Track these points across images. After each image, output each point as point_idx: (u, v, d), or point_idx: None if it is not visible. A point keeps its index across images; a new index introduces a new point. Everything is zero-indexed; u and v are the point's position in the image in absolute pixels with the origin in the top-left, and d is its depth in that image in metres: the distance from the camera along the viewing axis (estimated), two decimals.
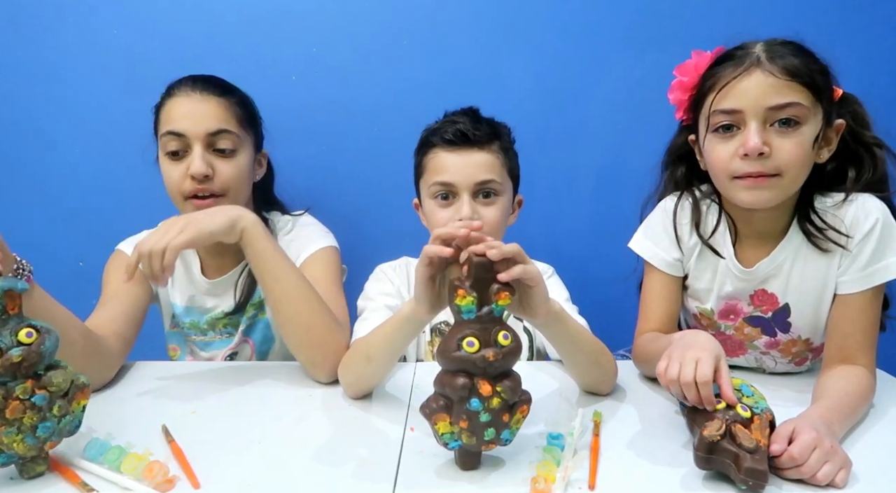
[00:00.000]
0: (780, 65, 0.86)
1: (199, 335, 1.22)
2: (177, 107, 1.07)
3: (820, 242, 0.95)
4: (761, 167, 0.87)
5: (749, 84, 0.86)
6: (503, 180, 1.08)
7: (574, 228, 1.53)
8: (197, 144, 1.05)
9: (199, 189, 1.06)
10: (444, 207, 1.07)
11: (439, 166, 1.07)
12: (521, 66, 1.45)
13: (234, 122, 1.09)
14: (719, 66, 0.91)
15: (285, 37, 1.42)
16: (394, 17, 1.43)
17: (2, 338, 0.66)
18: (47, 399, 0.69)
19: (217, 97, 1.08)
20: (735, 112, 0.88)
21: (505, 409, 0.71)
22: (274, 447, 0.81)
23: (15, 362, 0.66)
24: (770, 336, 1.03)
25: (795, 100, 0.85)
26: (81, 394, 0.74)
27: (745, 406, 0.76)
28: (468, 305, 0.71)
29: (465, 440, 0.72)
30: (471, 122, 1.07)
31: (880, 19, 1.41)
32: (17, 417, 0.67)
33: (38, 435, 0.69)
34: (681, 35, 1.42)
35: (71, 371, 0.72)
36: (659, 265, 1.06)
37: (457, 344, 0.70)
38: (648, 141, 1.44)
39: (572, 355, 0.93)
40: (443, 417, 0.72)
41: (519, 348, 0.72)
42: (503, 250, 0.73)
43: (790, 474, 0.72)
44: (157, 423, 0.85)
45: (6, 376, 0.67)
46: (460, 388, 0.70)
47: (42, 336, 0.69)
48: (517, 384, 0.73)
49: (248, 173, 1.12)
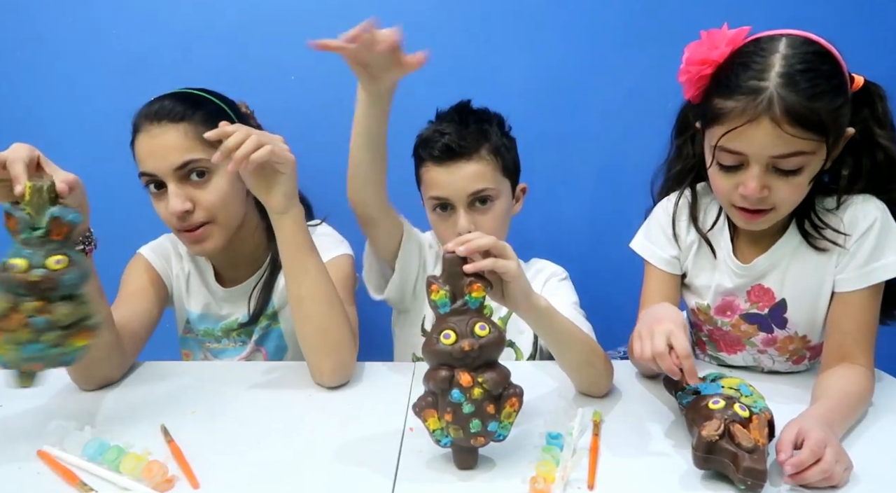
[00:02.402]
0: (789, 113, 0.81)
1: (214, 342, 1.22)
2: (141, 145, 1.03)
3: (817, 243, 0.95)
4: (758, 204, 0.89)
5: (756, 133, 0.83)
6: (497, 184, 1.08)
7: (574, 227, 1.52)
8: (170, 181, 1.01)
9: (183, 226, 1.03)
10: (444, 219, 1.10)
11: (431, 181, 1.09)
12: (520, 65, 1.44)
13: (200, 146, 1.01)
14: (730, 99, 0.85)
15: (285, 37, 1.42)
16: (393, 16, 1.42)
17: (34, 256, 0.71)
18: (46, 324, 0.72)
19: (174, 124, 1.01)
20: (740, 154, 0.87)
21: (489, 400, 0.72)
22: (273, 448, 0.81)
23: (32, 281, 0.71)
24: (767, 333, 1.03)
25: (799, 149, 0.83)
26: (85, 334, 0.76)
27: (744, 406, 0.76)
28: (442, 298, 0.73)
29: (453, 434, 0.72)
30: (456, 131, 1.07)
31: (881, 14, 1.41)
32: (12, 328, 0.71)
33: (25, 352, 0.72)
34: (681, 35, 1.41)
35: (85, 310, 0.75)
36: (656, 263, 1.06)
37: (435, 338, 0.72)
38: (648, 140, 1.44)
39: (560, 352, 0.92)
40: (431, 413, 0.73)
41: (499, 339, 0.72)
42: (473, 245, 0.74)
43: (810, 474, 0.69)
44: (157, 423, 0.85)
45: (21, 290, 0.71)
46: (441, 380, 0.71)
47: (70, 267, 0.73)
48: (502, 377, 0.72)
49: (232, 191, 1.06)
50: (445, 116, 1.13)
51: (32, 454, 0.78)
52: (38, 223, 0.73)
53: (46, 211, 0.73)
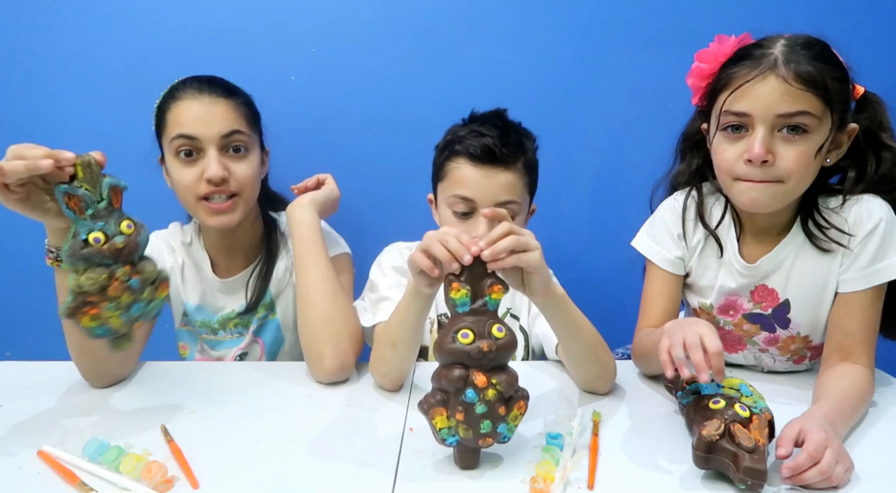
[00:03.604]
0: (794, 71, 0.84)
1: (210, 334, 1.23)
2: (186, 110, 1.06)
3: (821, 243, 0.95)
4: (763, 175, 0.88)
5: (762, 89, 0.85)
6: (522, 200, 1.07)
7: (573, 227, 1.52)
8: (211, 148, 1.06)
9: (215, 191, 1.06)
10: (461, 221, 1.06)
11: (461, 179, 1.05)
12: (519, 66, 1.44)
13: (244, 122, 1.10)
14: (737, 65, 0.89)
15: (284, 37, 1.42)
16: (393, 17, 1.43)
17: (108, 226, 0.77)
18: (140, 284, 0.79)
19: (225, 99, 1.08)
20: (745, 115, 0.88)
21: (501, 401, 0.72)
22: (273, 447, 0.81)
23: (119, 248, 0.76)
24: (769, 332, 1.03)
25: (805, 109, 0.84)
26: (164, 285, 0.83)
27: (744, 406, 0.76)
28: (462, 298, 0.72)
29: (462, 433, 0.72)
30: (499, 136, 1.04)
31: (885, 15, 1.41)
32: (116, 295, 0.77)
33: (131, 314, 0.79)
34: (681, 35, 1.42)
35: (155, 262, 0.82)
36: (660, 263, 1.06)
37: (452, 337, 0.71)
38: (648, 141, 1.44)
39: (570, 343, 0.92)
40: (440, 411, 0.73)
41: (514, 342, 0.73)
42: (496, 249, 0.74)
43: (808, 476, 0.70)
44: (157, 423, 0.85)
45: (109, 260, 0.77)
46: (456, 379, 0.71)
47: (138, 229, 0.79)
48: (513, 379, 0.73)
49: (259, 171, 1.14)
50: (486, 118, 1.10)
51: (32, 454, 0.77)
52: (99, 195, 0.77)
53: (102, 182, 0.78)
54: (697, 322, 0.81)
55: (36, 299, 1.50)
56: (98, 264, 0.76)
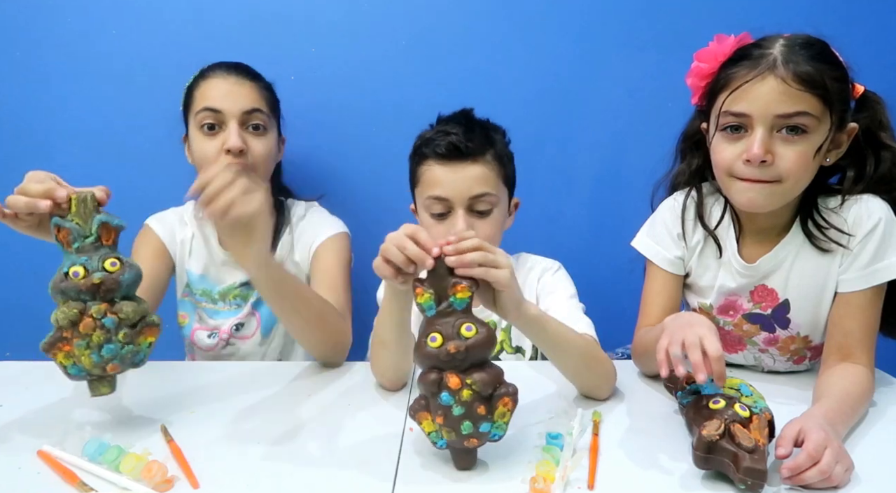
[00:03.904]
0: (793, 71, 0.84)
1: (210, 303, 1.27)
2: (213, 87, 1.16)
3: (821, 243, 0.95)
4: (761, 174, 0.88)
5: (761, 90, 0.85)
6: (498, 191, 1.07)
7: (573, 227, 1.52)
8: (233, 121, 1.13)
9: (233, 163, 1.11)
10: (439, 223, 1.06)
11: (433, 180, 1.06)
12: (519, 66, 1.44)
13: (265, 103, 1.19)
14: (736, 65, 0.89)
15: (284, 37, 1.42)
16: (392, 17, 1.43)
17: (90, 261, 0.77)
18: (115, 324, 0.77)
19: (250, 81, 1.18)
20: (744, 116, 0.88)
21: (479, 401, 0.71)
22: (273, 448, 0.81)
23: (95, 284, 0.76)
24: (769, 332, 1.03)
25: (804, 109, 0.84)
26: (149, 331, 0.81)
27: (744, 406, 0.76)
28: (427, 301, 0.72)
29: (446, 435, 0.72)
30: (464, 132, 1.05)
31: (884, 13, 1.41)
32: (87, 332, 0.76)
33: (102, 354, 0.77)
34: (681, 35, 1.42)
35: (144, 308, 0.80)
36: (660, 263, 1.06)
37: (423, 341, 0.71)
38: (648, 141, 1.44)
39: (556, 358, 0.92)
40: (425, 415, 0.73)
41: (487, 338, 0.71)
42: (462, 246, 0.73)
43: (808, 476, 0.70)
44: (157, 423, 0.85)
45: (86, 295, 0.76)
46: (430, 383, 0.71)
47: (124, 268, 0.78)
48: (493, 377, 0.72)
49: (274, 152, 1.21)
50: (450, 118, 1.11)
51: (32, 454, 0.77)
52: (87, 231, 0.78)
53: (94, 218, 0.78)
54: (698, 322, 0.81)
55: (36, 299, 1.49)
56: (74, 299, 0.76)
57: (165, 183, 1.44)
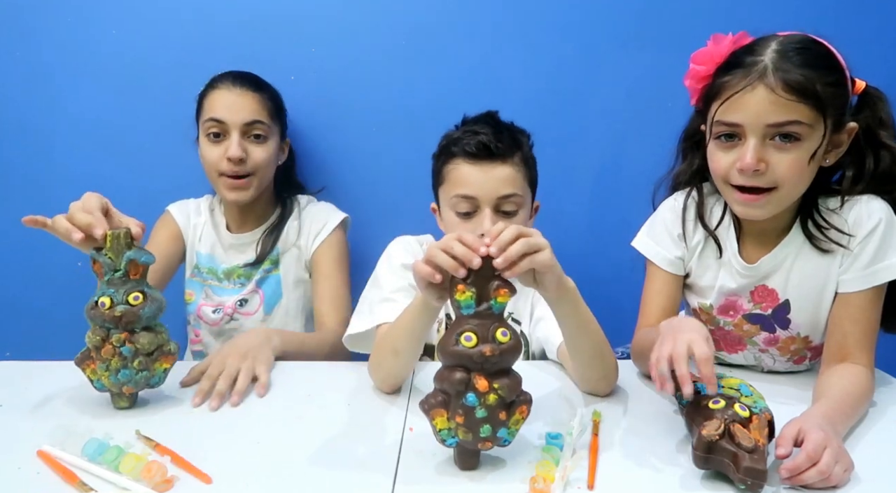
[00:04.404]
0: (783, 80, 0.83)
1: (215, 281, 1.36)
2: (219, 98, 1.25)
3: (821, 244, 0.95)
4: (756, 182, 0.88)
5: (752, 100, 0.85)
6: (524, 193, 1.08)
7: (573, 227, 1.52)
8: (234, 132, 1.24)
9: (234, 170, 1.24)
10: (465, 223, 1.06)
11: (461, 179, 1.06)
12: (519, 65, 1.44)
13: (266, 113, 1.27)
14: (728, 73, 0.89)
15: (284, 37, 1.42)
16: (392, 17, 1.43)
17: (116, 294, 0.85)
18: (132, 352, 0.85)
19: (253, 92, 1.26)
20: (736, 125, 0.88)
21: (502, 407, 0.71)
22: (273, 448, 0.81)
23: (116, 316, 0.84)
24: (769, 333, 1.03)
25: (795, 118, 0.84)
26: (165, 359, 0.89)
27: (744, 406, 0.76)
28: (467, 300, 0.72)
29: (462, 436, 0.72)
30: (493, 133, 1.06)
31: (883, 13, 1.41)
32: (107, 357, 0.85)
33: (119, 378, 0.86)
34: (680, 35, 1.41)
35: (162, 338, 0.88)
36: (660, 263, 1.06)
37: (455, 339, 0.71)
38: (647, 141, 1.44)
39: (578, 340, 0.92)
40: (441, 412, 0.72)
41: (518, 346, 0.72)
42: (509, 254, 0.72)
43: (807, 476, 0.70)
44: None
45: (110, 324, 0.84)
46: (457, 382, 0.70)
47: (146, 302, 0.86)
48: (516, 384, 0.72)
49: (274, 158, 1.31)
50: (478, 119, 1.11)
51: (32, 454, 0.77)
52: (117, 266, 0.85)
53: (124, 255, 0.85)
54: (688, 328, 0.81)
55: (36, 299, 1.50)
56: (100, 326, 0.85)
57: (167, 179, 1.45)
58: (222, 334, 1.36)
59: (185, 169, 1.39)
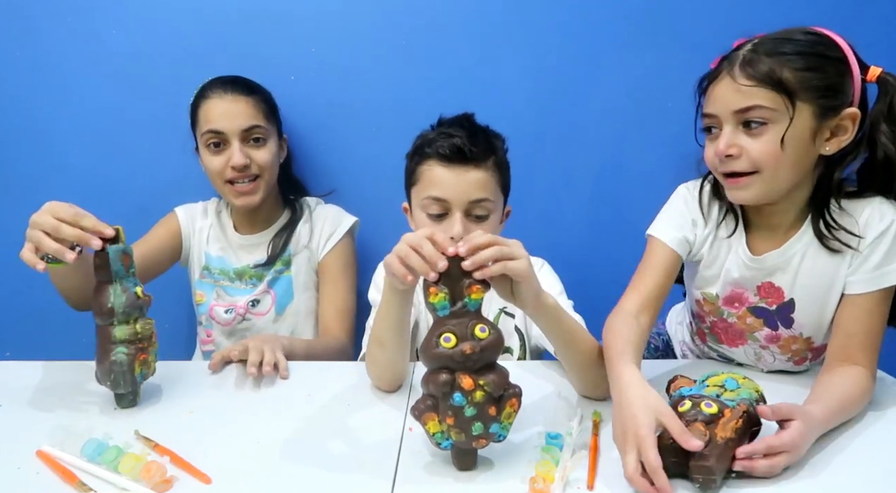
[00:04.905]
0: (743, 70, 0.88)
1: (227, 281, 1.37)
2: (213, 107, 1.24)
3: (831, 244, 0.94)
4: (734, 167, 0.91)
5: (719, 91, 0.91)
6: (496, 198, 1.08)
7: (572, 227, 1.52)
8: (234, 139, 1.24)
9: (239, 176, 1.25)
10: (436, 223, 1.06)
11: (433, 180, 1.06)
12: (518, 65, 1.44)
13: (262, 116, 1.27)
14: (715, 69, 0.93)
15: (284, 37, 1.42)
16: (392, 17, 1.43)
17: (127, 282, 0.89)
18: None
19: (246, 97, 1.26)
20: (711, 116, 0.93)
21: (490, 402, 0.71)
22: (273, 448, 0.81)
23: (147, 301, 0.91)
24: (771, 329, 1.03)
25: (756, 103, 0.87)
26: (147, 350, 0.92)
27: (711, 402, 0.75)
28: (441, 301, 0.72)
29: (455, 436, 0.72)
30: (467, 136, 1.05)
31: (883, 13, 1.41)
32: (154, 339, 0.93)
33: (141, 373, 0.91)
34: (680, 35, 1.42)
35: (147, 328, 0.91)
36: (663, 238, 1.02)
37: (435, 342, 0.71)
38: (647, 141, 1.44)
39: (565, 351, 0.92)
40: (431, 416, 0.73)
41: (498, 340, 0.72)
42: (478, 257, 0.72)
43: (758, 466, 0.73)
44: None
45: (143, 312, 0.91)
46: (442, 384, 0.70)
47: (148, 297, 0.91)
48: (502, 378, 0.72)
49: (276, 157, 1.31)
50: (453, 121, 1.11)
51: (32, 454, 0.78)
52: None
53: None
54: (638, 425, 0.72)
55: (36, 299, 1.50)
56: (143, 315, 0.90)
57: (169, 178, 1.45)
58: (234, 334, 1.36)
59: (187, 168, 1.39)
